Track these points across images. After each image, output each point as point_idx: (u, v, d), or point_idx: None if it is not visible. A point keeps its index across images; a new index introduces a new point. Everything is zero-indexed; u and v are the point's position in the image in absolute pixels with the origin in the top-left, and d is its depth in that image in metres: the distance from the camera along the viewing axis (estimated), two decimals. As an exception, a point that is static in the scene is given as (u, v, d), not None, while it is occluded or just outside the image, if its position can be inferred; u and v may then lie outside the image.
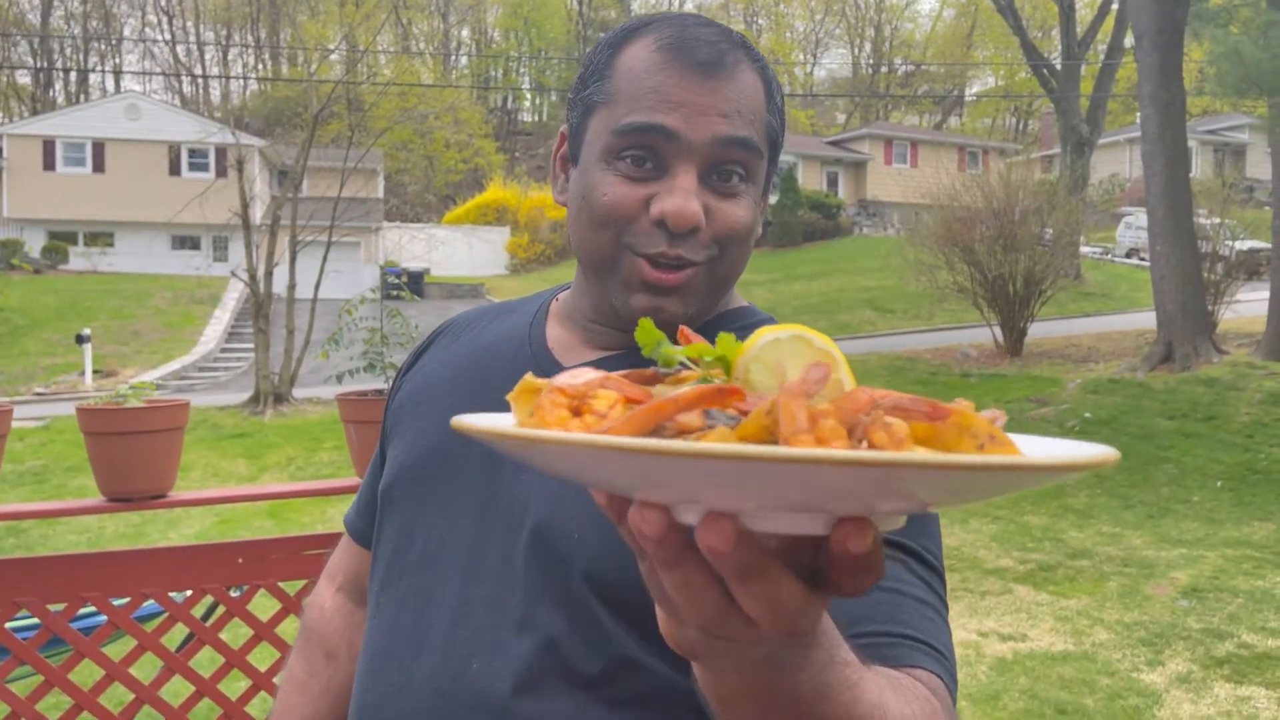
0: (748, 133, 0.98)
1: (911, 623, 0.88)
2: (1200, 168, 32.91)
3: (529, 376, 0.60)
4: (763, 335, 0.59)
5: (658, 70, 0.97)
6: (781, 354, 0.58)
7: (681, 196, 0.95)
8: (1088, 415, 11.04)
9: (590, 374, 0.58)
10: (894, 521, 0.55)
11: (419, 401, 1.14)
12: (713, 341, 0.61)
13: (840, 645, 0.66)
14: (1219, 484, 8.90)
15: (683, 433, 0.52)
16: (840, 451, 0.46)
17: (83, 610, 2.18)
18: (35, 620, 2.11)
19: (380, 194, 34.47)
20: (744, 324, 1.10)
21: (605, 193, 0.98)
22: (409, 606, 1.02)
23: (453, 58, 56.72)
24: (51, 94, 50.53)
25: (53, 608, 2.12)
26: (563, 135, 1.09)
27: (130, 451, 2.22)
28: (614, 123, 0.98)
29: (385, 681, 1.01)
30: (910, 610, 0.88)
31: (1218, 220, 14.70)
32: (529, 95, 58.22)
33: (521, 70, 58.03)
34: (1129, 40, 19.28)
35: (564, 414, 0.54)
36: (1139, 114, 14.43)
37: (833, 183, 39.76)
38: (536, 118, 58.24)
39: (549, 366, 1.07)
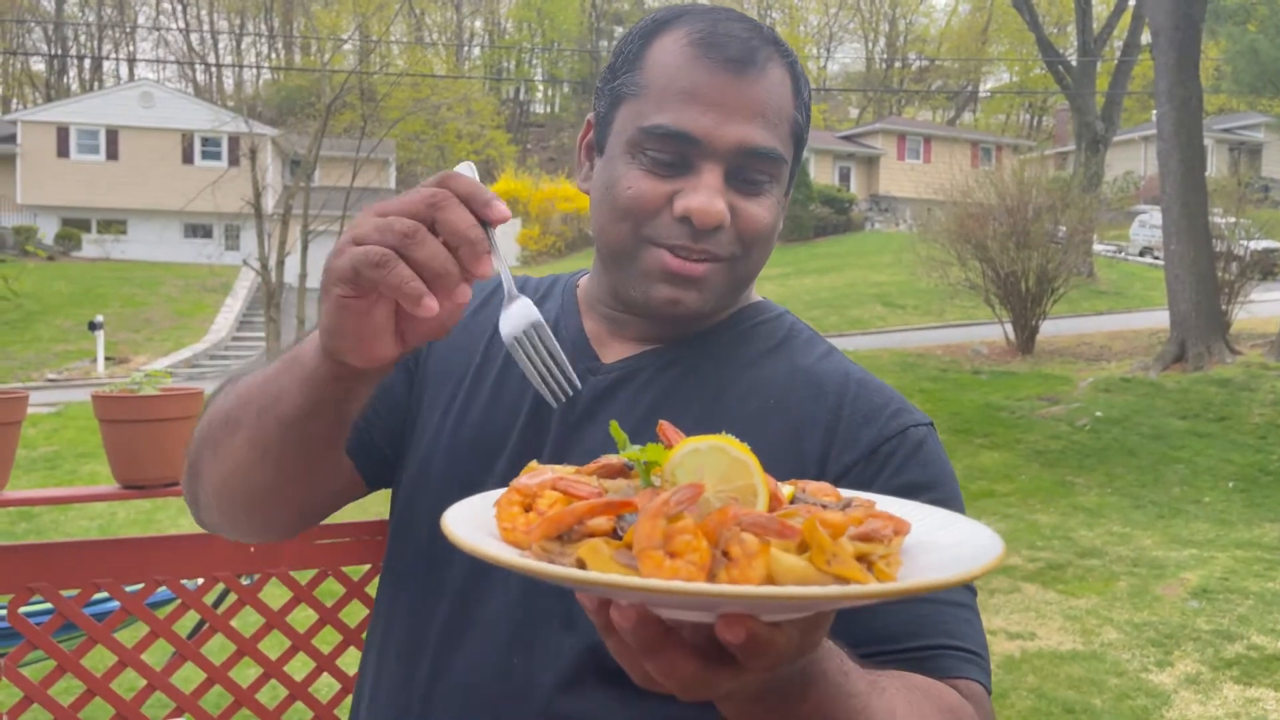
0: (773, 143, 0.98)
1: (952, 630, 0.93)
2: (1216, 166, 32.73)
3: (533, 463, 0.78)
4: (685, 445, 0.70)
5: (689, 67, 0.96)
6: (701, 462, 0.69)
7: (707, 195, 0.95)
8: (1099, 414, 10.99)
9: (547, 474, 0.73)
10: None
11: (465, 369, 1.10)
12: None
13: (848, 676, 0.75)
14: (1231, 485, 8.86)
15: (592, 534, 0.65)
16: (603, 575, 0.58)
17: (96, 596, 2.19)
18: (49, 605, 2.12)
19: (392, 184, 34.53)
20: (760, 320, 1.11)
21: (629, 186, 0.98)
22: (446, 598, 1.01)
23: (465, 49, 56.71)
24: (65, 81, 50.72)
25: (66, 593, 2.13)
26: (589, 123, 1.08)
27: (144, 439, 2.22)
28: (642, 119, 0.98)
29: (419, 670, 1.01)
30: (949, 618, 0.94)
31: (1233, 219, 14.61)
32: (541, 87, 58.18)
33: (534, 62, 57.96)
34: (1145, 37, 19.16)
35: (517, 511, 0.71)
36: (1155, 111, 14.35)
37: (845, 177, 39.65)
38: (549, 109, 58.18)
39: (588, 360, 1.06)
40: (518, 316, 0.88)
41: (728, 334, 1.08)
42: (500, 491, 0.75)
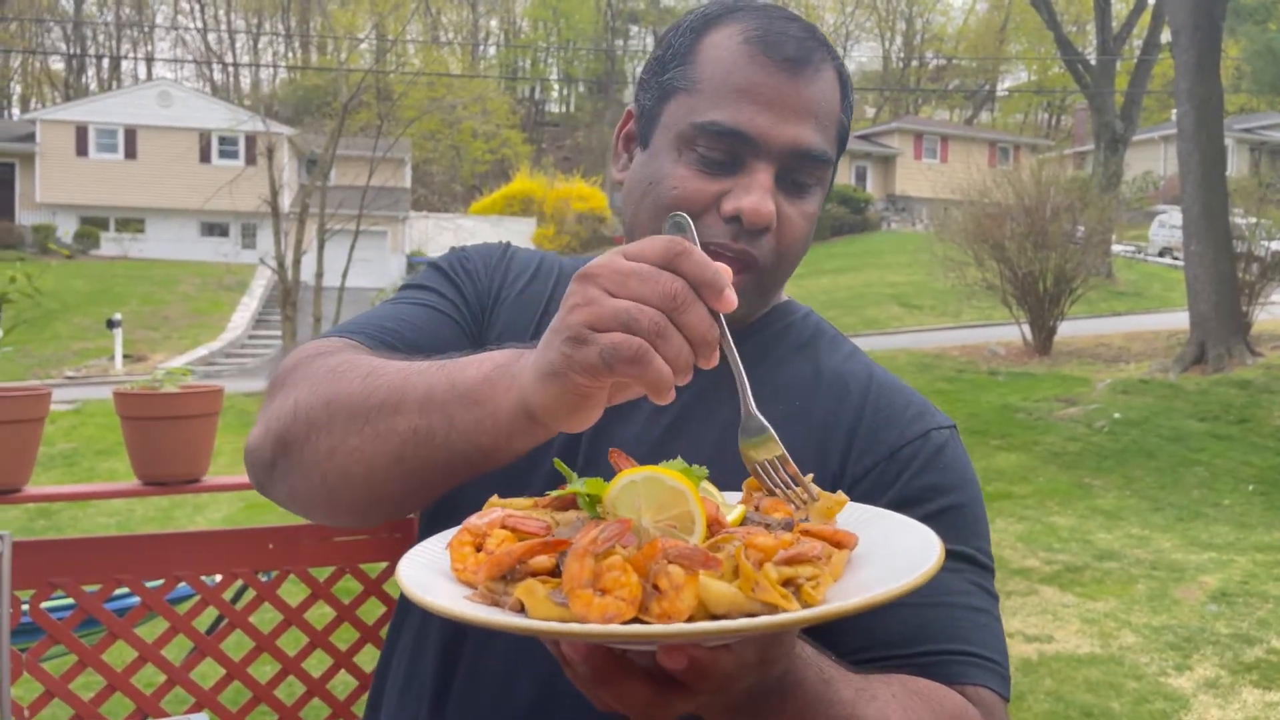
0: (824, 146, 0.98)
1: (965, 636, 0.92)
2: (1236, 166, 32.45)
3: (493, 498, 0.82)
4: (622, 478, 0.73)
5: (745, 64, 0.96)
6: (637, 493, 0.72)
7: (759, 195, 0.95)
8: (1117, 416, 10.92)
9: (496, 513, 0.77)
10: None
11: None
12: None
13: (830, 684, 0.76)
14: (1251, 488, 8.78)
15: (535, 572, 0.68)
16: (524, 620, 0.64)
17: (116, 591, 2.20)
18: (70, 601, 2.14)
19: (408, 183, 34.63)
20: (787, 321, 1.11)
21: (675, 185, 0.97)
22: None
23: (481, 48, 56.81)
24: (84, 80, 51.11)
25: (88, 589, 2.14)
26: (629, 114, 1.07)
27: (165, 436, 2.24)
28: (695, 114, 0.97)
29: (458, 668, 1.00)
30: (964, 623, 0.92)
31: (1253, 220, 14.49)
32: (557, 86, 58.23)
33: (549, 61, 58.01)
34: (1165, 36, 19.04)
35: (468, 551, 0.74)
36: (1175, 111, 14.24)
37: (861, 177, 39.53)
38: (564, 108, 58.22)
39: None
40: (762, 443, 0.82)
41: (757, 336, 1.07)
42: (454, 531, 0.79)
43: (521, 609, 0.66)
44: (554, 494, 0.81)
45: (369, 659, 2.47)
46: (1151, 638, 5.44)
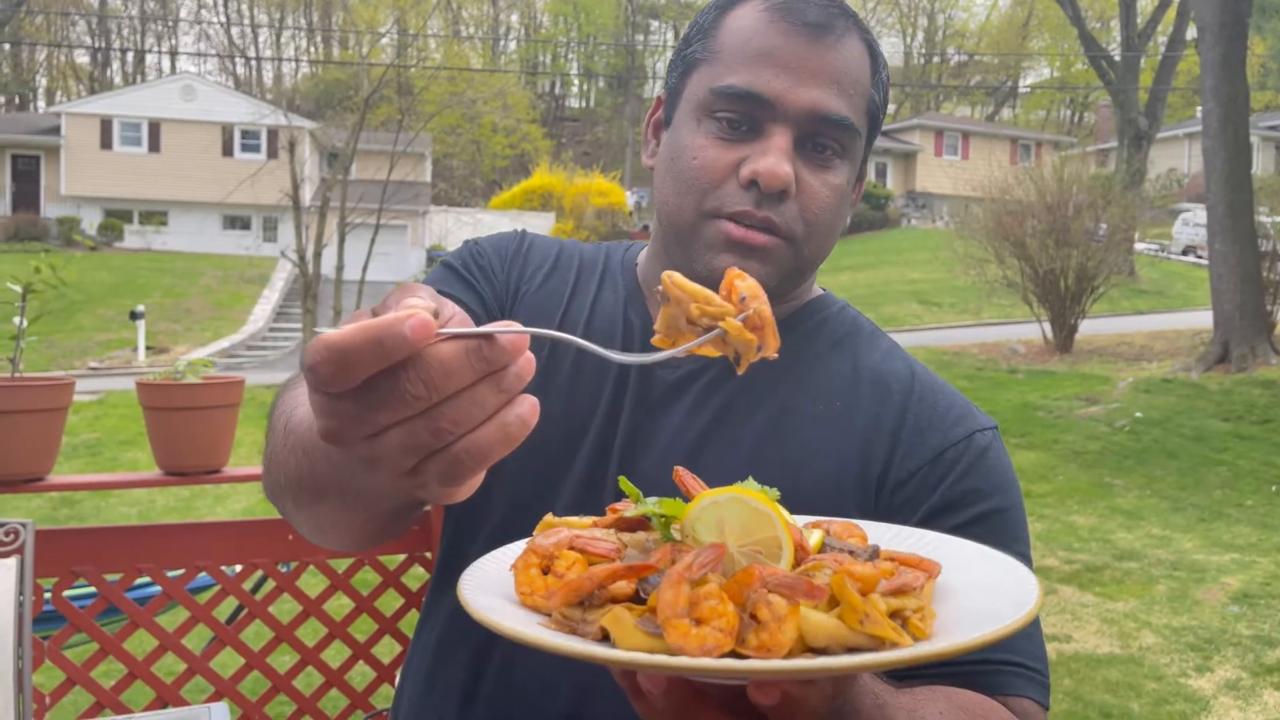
0: (846, 112, 0.96)
1: (1010, 645, 0.90)
2: (1261, 164, 32.08)
3: (548, 516, 0.76)
4: (703, 499, 0.69)
5: (764, 30, 0.95)
6: (720, 514, 0.68)
7: (775, 157, 0.93)
8: (1139, 415, 10.83)
9: (564, 533, 0.72)
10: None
11: (541, 345, 0.99)
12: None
13: (883, 708, 0.74)
14: (1274, 488, 8.69)
15: (614, 598, 0.65)
16: (633, 656, 0.58)
17: (138, 580, 2.22)
18: (92, 589, 2.16)
19: (428, 178, 34.71)
20: (821, 316, 1.09)
21: (695, 155, 0.96)
22: None
23: (501, 43, 56.88)
24: (109, 74, 51.48)
25: (109, 577, 2.17)
26: (659, 100, 1.07)
27: (187, 426, 2.25)
28: (713, 80, 0.96)
29: (486, 668, 0.99)
30: None
31: (1279, 218, 14.34)
32: (577, 81, 58.24)
33: (570, 56, 58.02)
34: (1190, 32, 18.85)
35: (535, 573, 0.69)
36: (1200, 108, 14.11)
37: (881, 173, 39.35)
38: (584, 104, 58.22)
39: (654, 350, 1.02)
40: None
41: (794, 330, 1.05)
42: (517, 548, 0.74)
43: (604, 637, 0.62)
44: (626, 515, 0.76)
45: (387, 650, 2.49)
46: (1172, 639, 5.40)
